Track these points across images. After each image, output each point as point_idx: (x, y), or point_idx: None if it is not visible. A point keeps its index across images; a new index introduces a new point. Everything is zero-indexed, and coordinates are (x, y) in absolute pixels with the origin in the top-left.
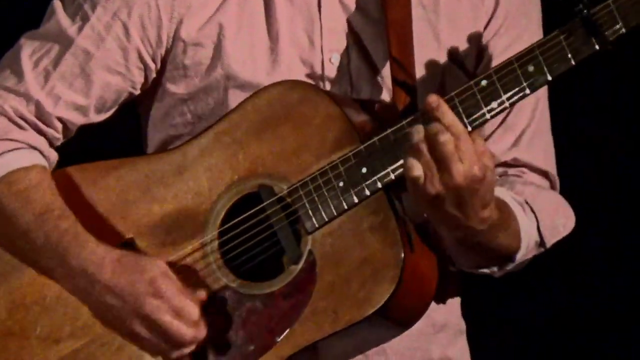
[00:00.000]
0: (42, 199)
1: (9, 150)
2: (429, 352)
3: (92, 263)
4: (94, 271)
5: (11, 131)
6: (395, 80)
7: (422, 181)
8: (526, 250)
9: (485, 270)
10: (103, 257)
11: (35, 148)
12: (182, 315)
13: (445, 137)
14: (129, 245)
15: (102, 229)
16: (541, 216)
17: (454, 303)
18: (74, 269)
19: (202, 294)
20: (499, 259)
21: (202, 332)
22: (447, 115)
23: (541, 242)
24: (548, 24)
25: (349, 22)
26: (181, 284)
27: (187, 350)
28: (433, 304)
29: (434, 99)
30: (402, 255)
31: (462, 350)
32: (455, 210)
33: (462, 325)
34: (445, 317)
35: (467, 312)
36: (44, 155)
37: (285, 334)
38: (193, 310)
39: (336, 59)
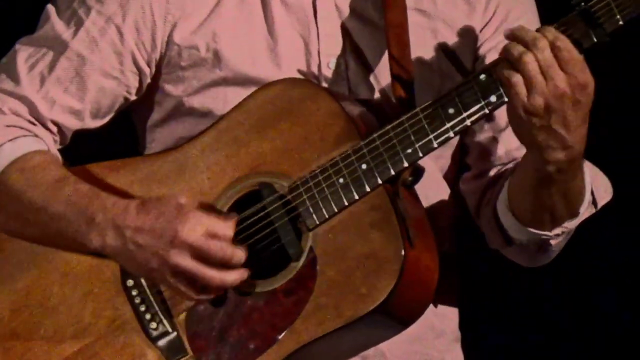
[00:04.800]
0: (56, 171)
1: (22, 136)
2: (428, 356)
3: (118, 211)
4: (121, 218)
5: (21, 122)
6: (394, 78)
7: (525, 94)
8: (587, 204)
9: (548, 234)
10: (126, 204)
11: (41, 139)
12: (217, 233)
13: (543, 43)
14: None
15: None
16: (590, 172)
17: (453, 311)
18: (100, 223)
19: (233, 215)
20: (570, 210)
21: (240, 251)
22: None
23: (593, 200)
24: (546, 17)
25: (344, 26)
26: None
27: (231, 275)
28: (433, 310)
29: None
30: (403, 250)
31: (457, 357)
32: (560, 126)
33: (458, 334)
34: (444, 323)
35: (462, 323)
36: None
37: (287, 330)
38: (226, 228)
39: (334, 64)
